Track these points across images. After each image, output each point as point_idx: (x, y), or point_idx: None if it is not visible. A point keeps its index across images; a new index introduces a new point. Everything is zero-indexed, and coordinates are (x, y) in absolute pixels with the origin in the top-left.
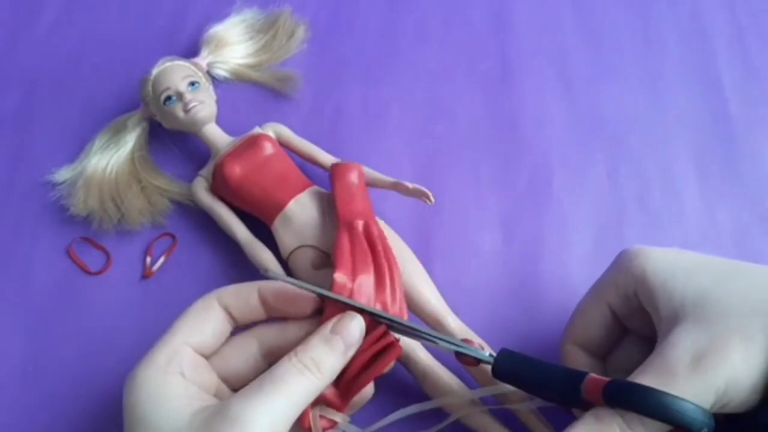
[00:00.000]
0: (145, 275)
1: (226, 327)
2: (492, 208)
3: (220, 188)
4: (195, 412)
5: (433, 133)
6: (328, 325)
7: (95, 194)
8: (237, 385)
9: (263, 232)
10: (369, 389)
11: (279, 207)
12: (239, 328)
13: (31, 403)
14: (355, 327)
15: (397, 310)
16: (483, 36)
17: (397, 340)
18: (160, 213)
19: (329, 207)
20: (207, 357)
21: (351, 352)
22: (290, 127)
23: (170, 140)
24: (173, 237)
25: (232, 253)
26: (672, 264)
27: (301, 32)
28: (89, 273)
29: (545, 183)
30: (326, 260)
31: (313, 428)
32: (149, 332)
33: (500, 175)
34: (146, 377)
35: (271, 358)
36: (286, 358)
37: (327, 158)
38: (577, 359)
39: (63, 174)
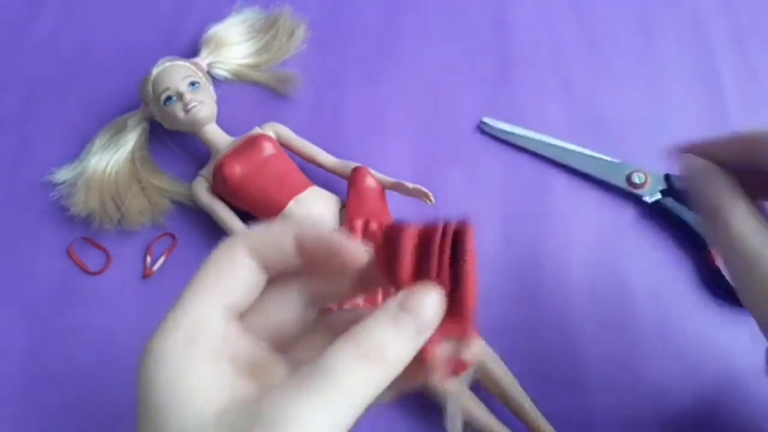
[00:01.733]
0: (145, 275)
1: (258, 279)
2: (492, 208)
3: (221, 188)
4: (223, 410)
5: (433, 133)
6: (395, 301)
7: (95, 194)
8: (279, 342)
9: None
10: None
11: (279, 207)
12: None
13: (32, 403)
14: (430, 303)
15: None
16: (483, 36)
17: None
18: (160, 213)
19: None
20: (239, 318)
21: (425, 336)
22: (290, 127)
23: (170, 140)
24: (173, 237)
25: None
26: None
27: (301, 32)
28: (89, 273)
29: (545, 183)
30: None
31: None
32: (149, 332)
33: (500, 175)
34: (163, 356)
35: (321, 303)
36: (340, 342)
37: (327, 158)
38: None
39: (63, 174)
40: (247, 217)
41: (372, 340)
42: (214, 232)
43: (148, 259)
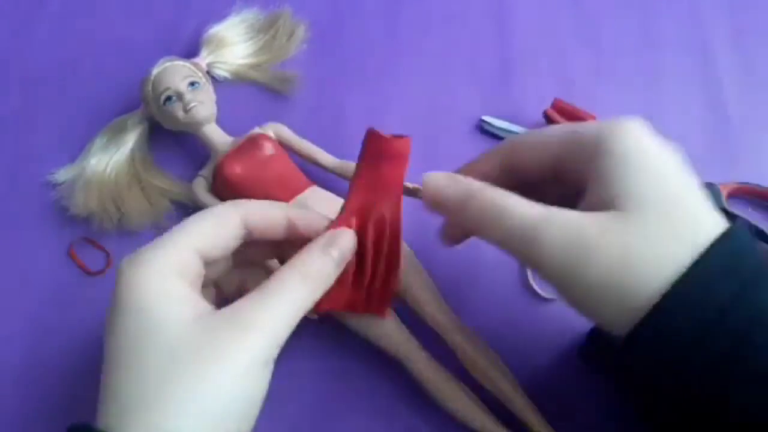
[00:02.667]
0: None
1: (237, 243)
2: None
3: (221, 188)
4: (199, 316)
5: (433, 132)
6: (326, 237)
7: (95, 195)
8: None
9: None
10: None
11: None
12: None
13: (32, 403)
14: (347, 239)
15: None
16: (483, 36)
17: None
18: (160, 213)
19: None
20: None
21: (343, 261)
22: (290, 127)
23: (170, 140)
24: None
25: None
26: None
27: (301, 32)
28: (89, 273)
29: None
30: None
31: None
32: None
33: None
34: (146, 275)
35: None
36: (287, 266)
37: (327, 158)
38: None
39: (63, 174)
40: None
41: (305, 264)
42: None
43: None
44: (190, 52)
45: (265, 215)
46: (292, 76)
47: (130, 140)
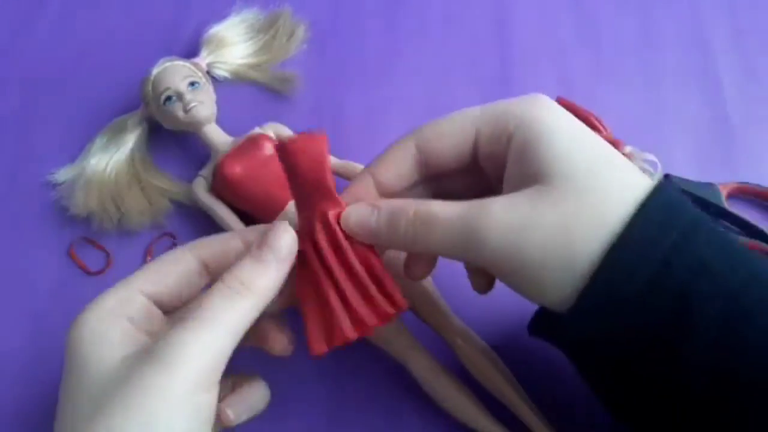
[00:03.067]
0: None
1: (198, 280)
2: None
3: (221, 188)
4: (127, 355)
5: None
6: (255, 243)
7: (95, 194)
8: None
9: None
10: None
11: (279, 207)
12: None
13: (32, 404)
14: (284, 236)
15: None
16: (483, 36)
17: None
18: (159, 213)
19: None
20: (167, 311)
21: (286, 266)
22: (290, 127)
23: (170, 140)
24: (173, 237)
25: None
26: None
27: (301, 32)
28: (89, 273)
29: None
30: None
31: None
32: None
33: None
34: (90, 318)
35: (213, 276)
36: (214, 285)
37: None
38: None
39: (63, 174)
40: (246, 216)
41: (239, 277)
42: (214, 233)
43: (148, 259)
44: (190, 52)
45: (222, 248)
46: (292, 76)
47: (130, 140)
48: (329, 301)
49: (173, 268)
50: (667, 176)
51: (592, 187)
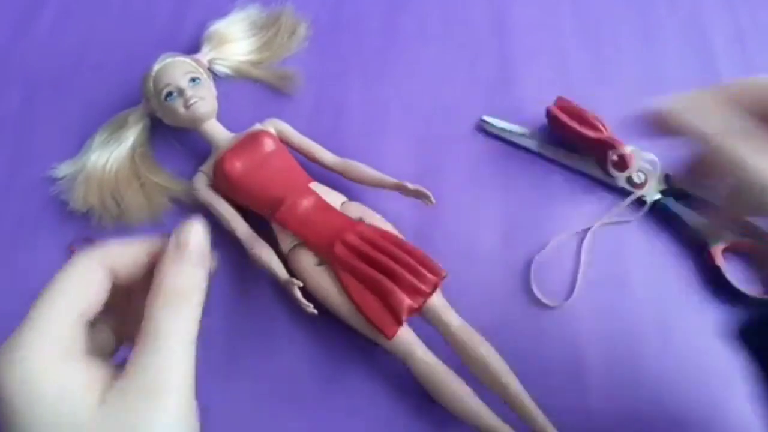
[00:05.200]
0: None
1: (107, 288)
2: (492, 208)
3: (221, 184)
4: (103, 399)
5: (433, 132)
6: (172, 242)
7: (95, 190)
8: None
9: (263, 228)
10: None
11: (278, 202)
12: None
13: None
14: (193, 230)
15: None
16: (483, 36)
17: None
18: (159, 210)
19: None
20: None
21: (206, 258)
22: (290, 124)
23: (171, 136)
24: None
25: (232, 250)
26: None
27: (302, 30)
28: None
29: (545, 181)
30: None
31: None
32: None
33: (500, 175)
34: (38, 372)
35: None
36: (149, 300)
37: (327, 156)
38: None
39: (63, 169)
40: (247, 212)
41: (166, 286)
42: (214, 231)
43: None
44: (192, 48)
45: (124, 253)
46: (292, 74)
47: (131, 136)
48: (383, 285)
49: (90, 281)
50: (667, 176)
51: None
